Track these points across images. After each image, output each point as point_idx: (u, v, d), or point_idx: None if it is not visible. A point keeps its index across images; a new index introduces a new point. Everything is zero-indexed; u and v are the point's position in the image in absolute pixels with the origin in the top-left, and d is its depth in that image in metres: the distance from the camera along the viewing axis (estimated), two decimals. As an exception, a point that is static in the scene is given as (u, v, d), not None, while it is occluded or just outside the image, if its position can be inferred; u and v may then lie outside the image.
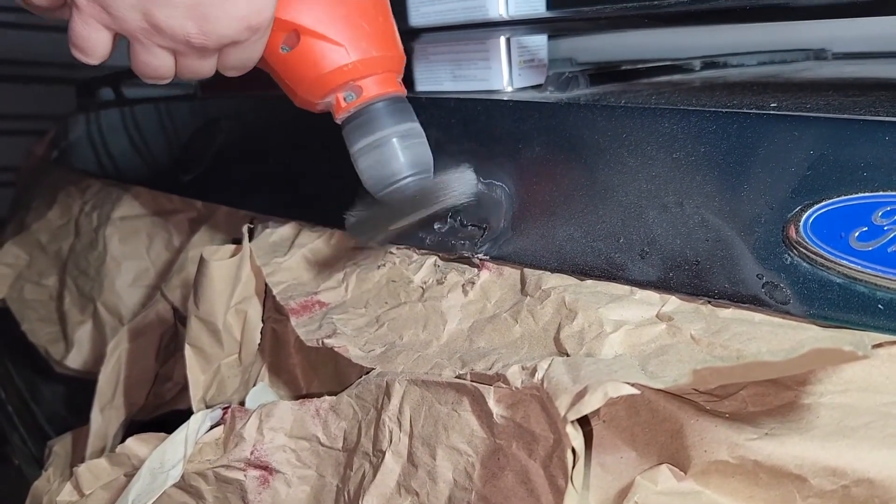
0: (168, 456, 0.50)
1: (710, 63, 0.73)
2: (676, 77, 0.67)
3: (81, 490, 0.55)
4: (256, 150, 0.74)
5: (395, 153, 0.46)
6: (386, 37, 0.46)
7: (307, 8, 0.43)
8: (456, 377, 0.42)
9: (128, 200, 0.92)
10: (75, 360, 0.87)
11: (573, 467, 0.33)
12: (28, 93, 1.55)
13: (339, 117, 0.46)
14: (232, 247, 0.59)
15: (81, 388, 0.83)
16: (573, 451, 0.33)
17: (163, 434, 0.53)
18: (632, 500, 0.34)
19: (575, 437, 0.33)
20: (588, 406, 0.31)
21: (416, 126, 0.48)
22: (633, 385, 0.32)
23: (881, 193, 0.34)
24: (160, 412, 0.78)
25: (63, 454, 0.78)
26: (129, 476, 0.53)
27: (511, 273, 0.48)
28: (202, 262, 0.56)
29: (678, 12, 0.47)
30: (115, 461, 0.55)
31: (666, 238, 0.42)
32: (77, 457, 0.75)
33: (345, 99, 0.45)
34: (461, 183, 0.49)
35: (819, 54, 0.87)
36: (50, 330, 0.94)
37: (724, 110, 0.41)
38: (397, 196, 0.47)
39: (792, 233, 0.36)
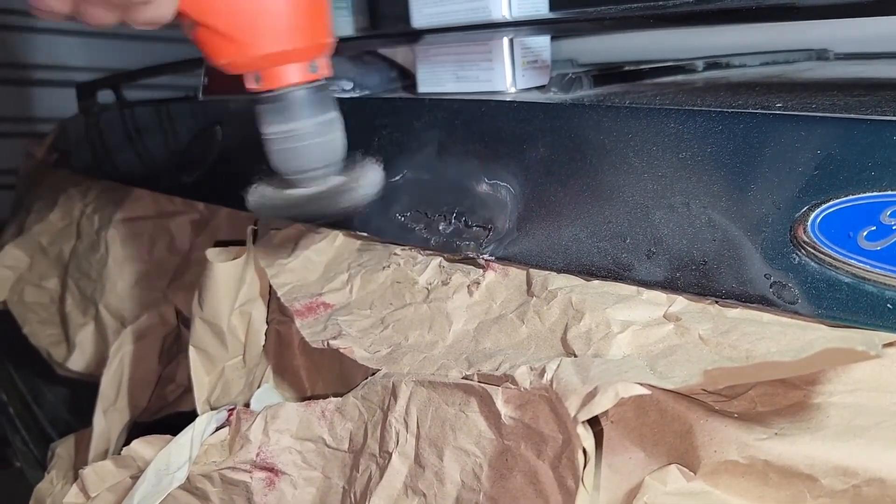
0: (173, 458, 0.50)
1: (712, 63, 0.73)
2: (679, 78, 0.67)
3: (87, 492, 0.55)
4: (258, 150, 0.74)
5: (307, 147, 0.45)
6: (294, 29, 0.42)
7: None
8: (463, 378, 0.42)
9: (129, 203, 0.92)
10: (77, 362, 0.87)
11: (584, 468, 0.33)
12: (28, 95, 1.55)
13: (249, 91, 0.45)
14: (236, 248, 0.59)
15: (83, 390, 0.83)
16: (584, 451, 0.33)
17: (168, 436, 0.53)
18: (641, 501, 0.34)
19: (585, 437, 0.33)
20: (599, 406, 0.31)
21: (326, 116, 0.46)
22: (643, 385, 0.32)
23: (889, 193, 0.34)
24: (163, 414, 0.78)
25: (66, 456, 0.77)
26: (135, 478, 0.53)
27: (517, 273, 0.48)
28: (206, 264, 0.56)
29: (682, 13, 0.47)
30: (121, 463, 0.55)
31: (673, 238, 0.42)
32: (80, 459, 0.75)
33: (254, 80, 0.44)
34: (366, 183, 0.48)
35: (821, 55, 0.87)
36: (51, 332, 0.94)
37: (730, 110, 0.41)
38: (302, 186, 0.47)
39: (800, 232, 0.36)
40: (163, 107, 0.94)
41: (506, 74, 0.60)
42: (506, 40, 0.59)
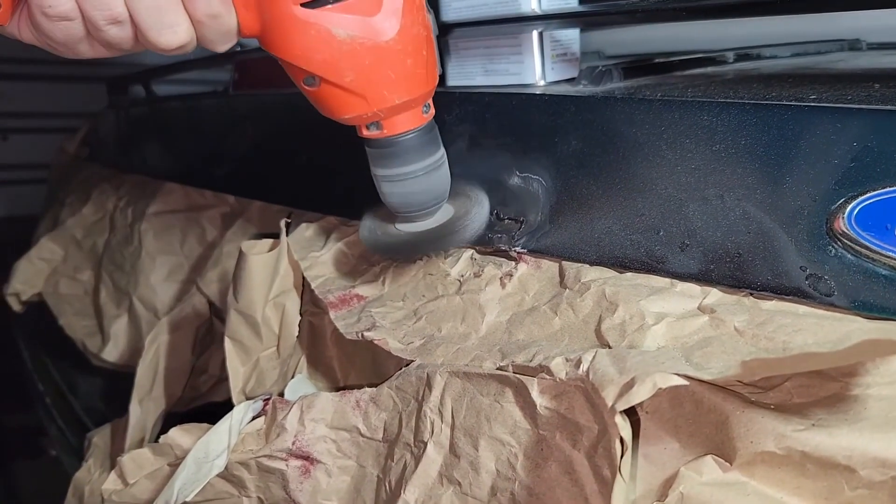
0: (212, 446, 0.51)
1: (743, 55, 0.73)
2: (710, 69, 0.67)
3: (125, 479, 0.56)
4: (289, 145, 0.75)
5: (420, 188, 0.47)
6: (414, 79, 0.43)
7: (328, 57, 0.40)
8: (497, 369, 0.43)
9: (161, 196, 0.93)
10: (111, 353, 0.89)
11: (621, 458, 0.33)
12: (60, 91, 1.57)
13: (363, 138, 0.46)
14: (270, 241, 0.59)
15: (117, 380, 0.85)
16: (621, 441, 0.33)
17: (206, 425, 0.54)
18: (677, 491, 0.34)
19: (623, 427, 0.33)
20: (637, 396, 0.32)
21: (438, 154, 0.47)
22: (680, 376, 0.32)
23: (928, 185, 0.34)
24: (196, 404, 0.79)
25: (102, 446, 0.79)
26: (173, 466, 0.54)
27: (549, 266, 0.49)
28: (241, 256, 0.57)
29: (716, 5, 0.46)
30: (159, 451, 0.56)
31: (707, 231, 0.42)
32: (116, 448, 0.76)
33: (367, 128, 0.45)
34: (475, 221, 0.49)
35: (853, 45, 0.86)
36: (86, 324, 0.95)
37: (763, 103, 0.41)
38: (414, 221, 0.49)
39: (836, 224, 0.36)
40: (193, 101, 0.96)
41: (535, 67, 0.60)
42: (535, 33, 0.59)
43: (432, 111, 0.46)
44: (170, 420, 0.72)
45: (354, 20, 0.39)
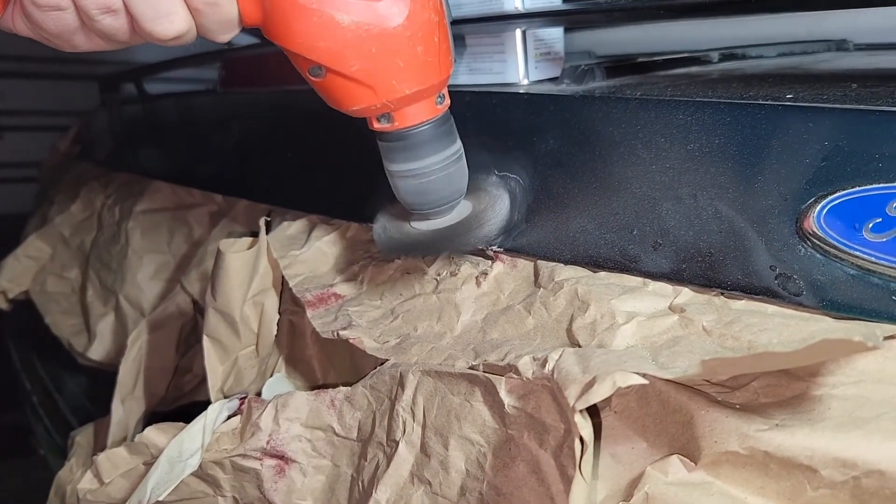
0: (186, 445, 0.51)
1: (728, 55, 0.73)
2: (694, 69, 0.66)
3: (101, 478, 0.56)
4: (275, 144, 0.75)
5: (435, 184, 0.45)
6: (425, 68, 0.40)
7: (332, 45, 0.38)
8: (469, 368, 0.42)
9: (149, 195, 0.93)
10: (98, 351, 0.88)
11: (581, 456, 0.33)
12: (52, 89, 1.57)
13: (375, 131, 0.44)
14: (249, 239, 0.59)
15: (104, 379, 0.84)
16: (581, 440, 0.33)
17: (181, 424, 0.54)
18: (642, 491, 0.34)
19: (583, 426, 0.33)
20: (596, 395, 0.32)
21: (455, 148, 0.45)
22: (642, 375, 0.32)
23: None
24: (180, 403, 0.79)
25: (85, 444, 0.79)
26: (148, 465, 0.54)
27: (525, 265, 0.49)
28: (219, 254, 0.57)
29: (695, 4, 0.46)
30: (134, 450, 0.56)
31: (679, 230, 0.42)
32: (99, 447, 0.76)
33: (378, 120, 0.43)
34: (495, 217, 0.47)
35: (840, 45, 0.86)
36: (73, 322, 0.95)
37: (738, 102, 0.41)
38: (430, 218, 0.47)
39: (806, 224, 0.36)
40: (183, 99, 0.96)
41: (518, 66, 0.60)
42: (518, 32, 0.59)
43: (447, 101, 0.44)
44: (153, 419, 0.72)
45: (359, 5, 0.37)
